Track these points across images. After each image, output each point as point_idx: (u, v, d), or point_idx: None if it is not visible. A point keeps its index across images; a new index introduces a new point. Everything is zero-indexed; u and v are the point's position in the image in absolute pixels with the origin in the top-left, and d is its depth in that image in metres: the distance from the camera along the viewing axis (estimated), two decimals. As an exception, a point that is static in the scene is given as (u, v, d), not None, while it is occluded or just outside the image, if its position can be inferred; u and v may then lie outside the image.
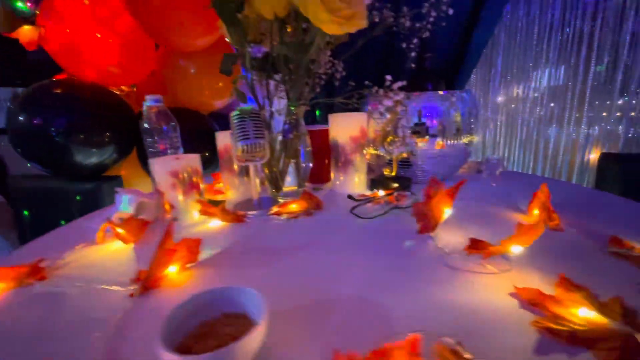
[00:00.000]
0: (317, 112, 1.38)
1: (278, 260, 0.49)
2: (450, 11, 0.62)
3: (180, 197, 0.66)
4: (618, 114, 1.37)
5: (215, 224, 0.66)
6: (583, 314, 0.32)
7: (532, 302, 0.34)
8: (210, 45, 1.06)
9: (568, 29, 1.35)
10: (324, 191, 0.88)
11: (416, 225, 0.53)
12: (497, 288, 0.38)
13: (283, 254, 0.51)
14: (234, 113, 0.67)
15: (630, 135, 1.38)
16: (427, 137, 0.85)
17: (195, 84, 1.15)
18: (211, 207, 0.66)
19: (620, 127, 1.39)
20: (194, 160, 0.68)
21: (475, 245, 0.42)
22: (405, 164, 0.89)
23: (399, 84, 0.67)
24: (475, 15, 0.98)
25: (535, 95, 1.50)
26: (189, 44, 1.00)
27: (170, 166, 0.64)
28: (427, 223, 0.52)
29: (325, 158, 0.89)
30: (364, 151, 0.82)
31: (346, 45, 0.87)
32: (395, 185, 0.79)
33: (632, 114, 1.35)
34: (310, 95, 0.83)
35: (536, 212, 0.58)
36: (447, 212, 0.52)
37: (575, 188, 0.90)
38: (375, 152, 0.88)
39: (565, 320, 0.31)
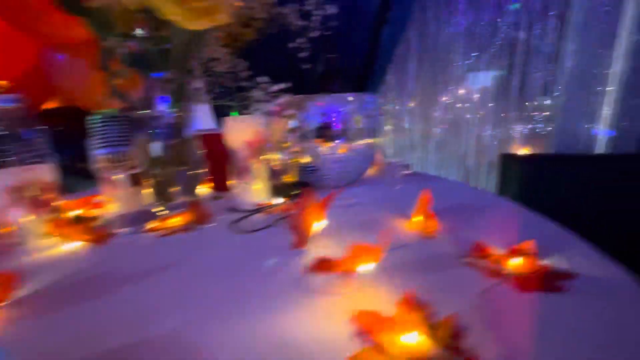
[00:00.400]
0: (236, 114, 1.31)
1: (115, 291, 0.41)
2: (330, 10, 0.59)
3: (24, 217, 0.55)
4: (521, 114, 1.49)
5: (74, 245, 0.56)
6: (410, 340, 0.30)
7: (367, 328, 0.32)
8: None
9: (473, 35, 1.43)
10: (223, 201, 0.81)
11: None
12: (342, 312, 0.34)
13: (125, 282, 0.43)
14: (92, 117, 0.58)
15: (528, 135, 1.51)
16: (330, 140, 0.82)
17: (82, 81, 1.00)
18: (64, 226, 0.56)
19: (519, 127, 1.51)
20: (43, 171, 0.58)
21: (321, 266, 0.38)
22: (311, 169, 0.85)
23: (277, 86, 0.63)
24: (382, 17, 0.98)
25: (448, 98, 1.57)
26: (59, 35, 0.86)
27: (7, 180, 0.54)
28: (299, 237, 0.48)
29: (224, 164, 0.83)
30: (268, 156, 0.77)
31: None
32: (296, 192, 0.75)
33: (532, 114, 1.48)
34: (201, 95, 0.76)
35: (417, 219, 0.57)
36: (318, 224, 0.49)
37: (472, 192, 0.93)
38: (280, 157, 0.84)
39: (386, 351, 0.28)
